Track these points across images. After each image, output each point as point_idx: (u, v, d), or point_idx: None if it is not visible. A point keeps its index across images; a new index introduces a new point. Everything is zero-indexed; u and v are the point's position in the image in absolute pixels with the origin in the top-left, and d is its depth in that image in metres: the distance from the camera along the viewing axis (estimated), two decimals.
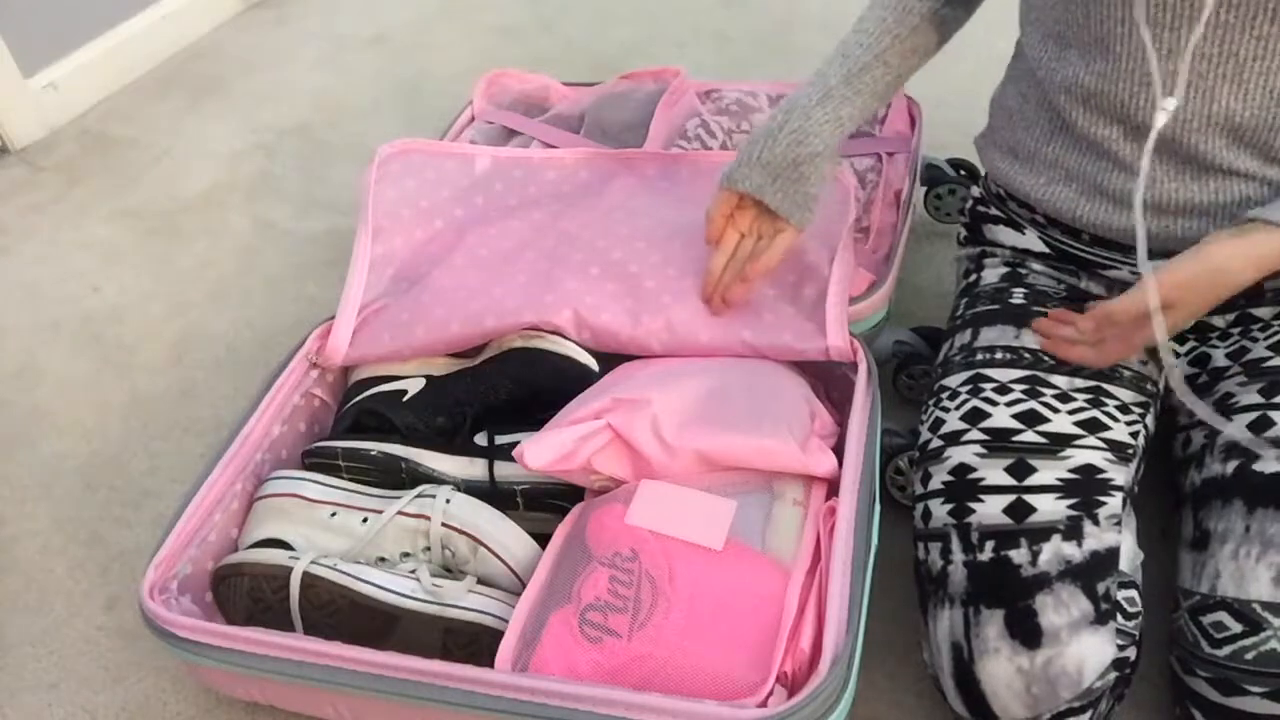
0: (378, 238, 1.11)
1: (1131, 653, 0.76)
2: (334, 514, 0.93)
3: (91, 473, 1.18)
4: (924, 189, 1.34)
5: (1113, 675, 0.74)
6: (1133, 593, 0.77)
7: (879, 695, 0.90)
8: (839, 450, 0.90)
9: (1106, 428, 0.83)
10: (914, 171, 1.23)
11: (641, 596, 0.81)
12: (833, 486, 0.89)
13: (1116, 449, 0.82)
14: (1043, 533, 0.77)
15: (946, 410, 0.88)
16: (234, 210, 1.57)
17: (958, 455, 0.84)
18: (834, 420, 0.96)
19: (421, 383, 1.02)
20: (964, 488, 0.82)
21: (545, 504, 0.96)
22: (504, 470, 0.95)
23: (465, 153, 1.18)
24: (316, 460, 0.98)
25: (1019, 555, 0.77)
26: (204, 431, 1.22)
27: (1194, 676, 0.75)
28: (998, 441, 0.83)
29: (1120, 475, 0.81)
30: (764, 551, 0.83)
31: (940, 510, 0.83)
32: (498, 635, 0.82)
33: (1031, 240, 0.96)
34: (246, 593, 0.88)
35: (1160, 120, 0.79)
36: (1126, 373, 0.87)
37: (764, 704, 0.74)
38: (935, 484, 0.85)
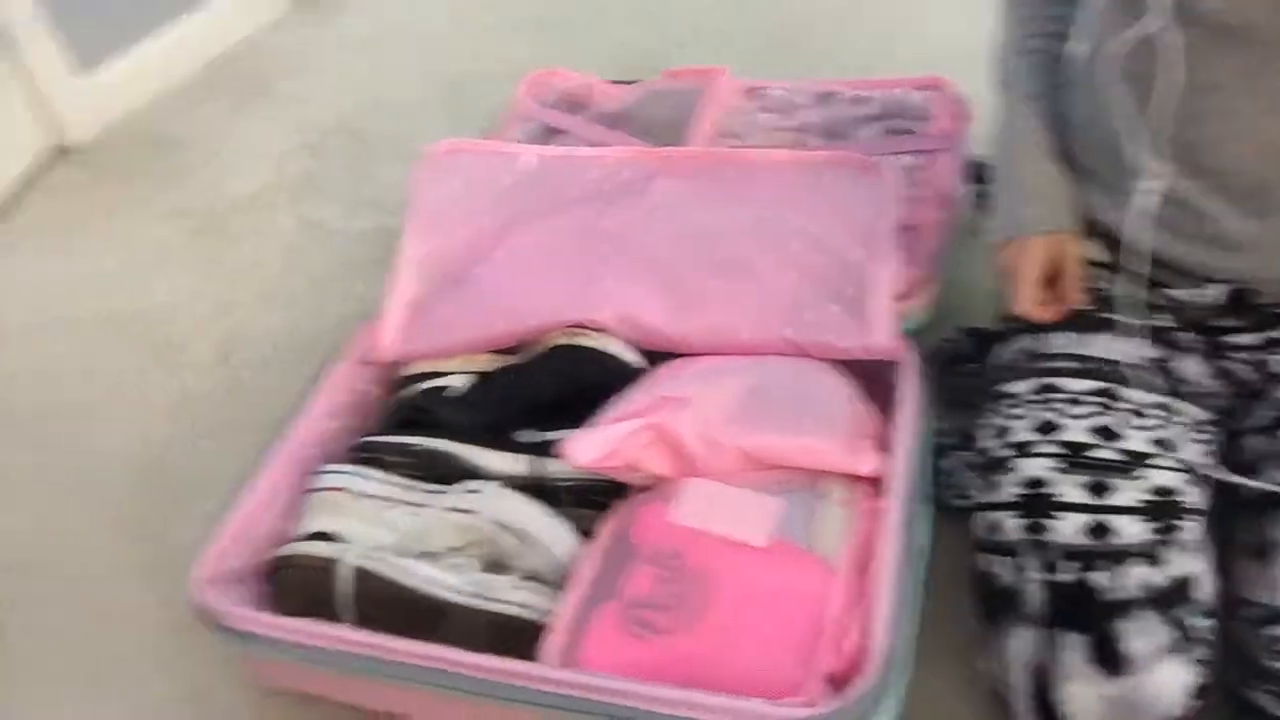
0: (424, 236, 1.12)
1: (1207, 679, 0.74)
2: (382, 508, 0.94)
3: (143, 468, 1.20)
4: (970, 186, 1.33)
5: (1192, 703, 0.73)
6: (1212, 621, 0.76)
7: (929, 698, 0.89)
8: (886, 450, 0.90)
9: (1181, 447, 0.81)
10: (960, 169, 1.22)
11: (686, 594, 0.81)
12: (879, 486, 0.88)
13: (1192, 470, 0.80)
14: (1124, 556, 0.75)
15: (1014, 418, 0.86)
16: (281, 210, 1.59)
17: (1029, 468, 0.81)
18: (880, 420, 0.95)
19: (468, 379, 1.03)
20: (1038, 502, 0.79)
21: (590, 500, 0.96)
22: (549, 466, 0.96)
23: (510, 151, 1.19)
24: (365, 455, 0.99)
25: (1101, 579, 0.74)
26: (252, 428, 1.23)
27: (1254, 689, 0.74)
28: (1074, 456, 0.80)
29: (1197, 498, 0.79)
30: (810, 551, 0.83)
31: (1012, 524, 0.80)
32: (544, 630, 0.82)
33: (1093, 249, 0.94)
34: (297, 585, 0.89)
35: (1141, 200, 0.80)
36: (1198, 389, 0.86)
37: (810, 703, 0.74)
38: (1005, 495, 0.82)
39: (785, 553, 0.83)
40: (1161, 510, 0.77)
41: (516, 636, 0.84)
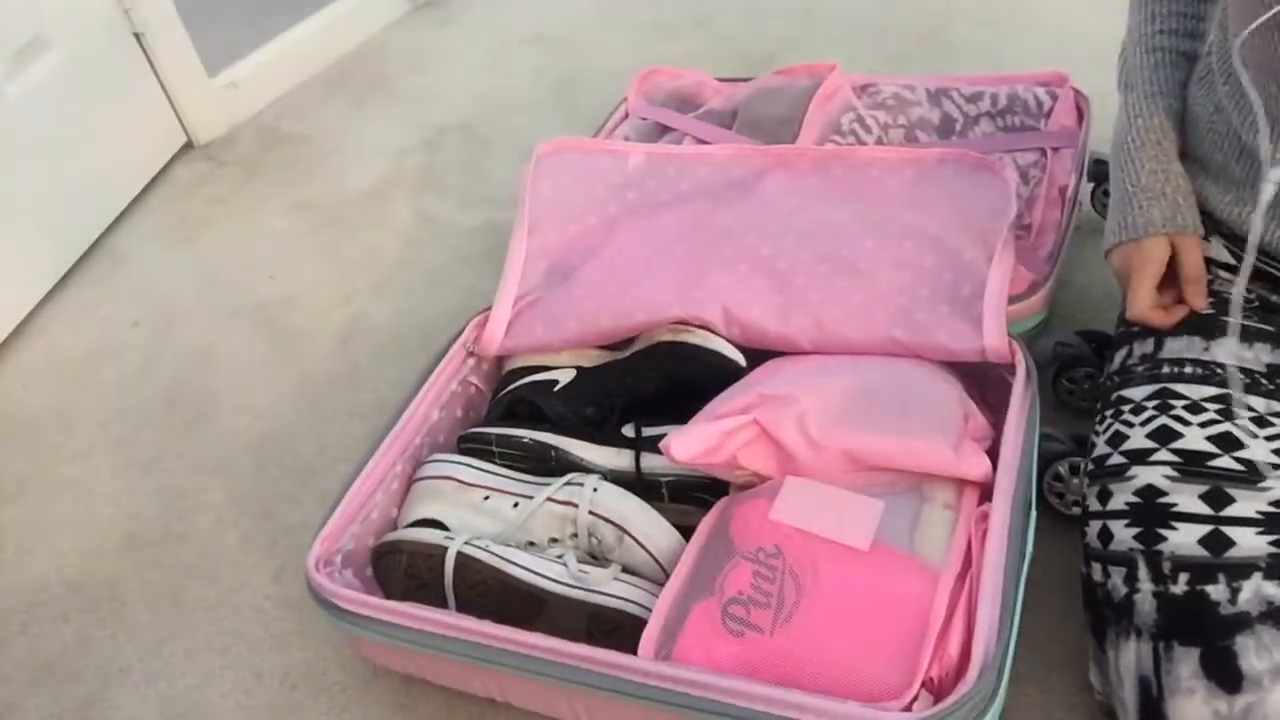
0: (533, 232, 1.13)
1: None
2: (487, 498, 0.96)
3: (263, 451, 1.25)
4: (1091, 185, 1.29)
5: None
6: None
7: (1030, 708, 0.88)
8: (994, 454, 0.88)
9: None
10: (1081, 167, 1.18)
11: (784, 593, 0.80)
12: (986, 491, 0.86)
13: None
14: (1243, 569, 0.72)
15: (1130, 425, 0.83)
16: (398, 204, 1.63)
17: (1145, 476, 0.79)
18: (989, 423, 0.93)
19: (572, 373, 1.04)
20: (1153, 512, 0.77)
21: (690, 496, 0.97)
22: (650, 462, 0.96)
23: (619, 149, 1.20)
24: (471, 445, 1.01)
25: (1217, 591, 0.72)
26: (367, 414, 1.27)
27: None
28: (1191, 465, 0.78)
29: None
30: (912, 554, 0.82)
31: (1125, 533, 0.78)
32: (640, 623, 0.83)
33: (1217, 250, 0.90)
34: (404, 570, 0.91)
35: (1268, 193, 0.76)
36: None
37: (908, 708, 0.73)
38: (1118, 504, 0.80)
39: (887, 556, 0.82)
40: None
41: (614, 628, 0.85)
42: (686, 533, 0.91)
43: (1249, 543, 0.73)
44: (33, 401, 1.37)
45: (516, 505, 0.94)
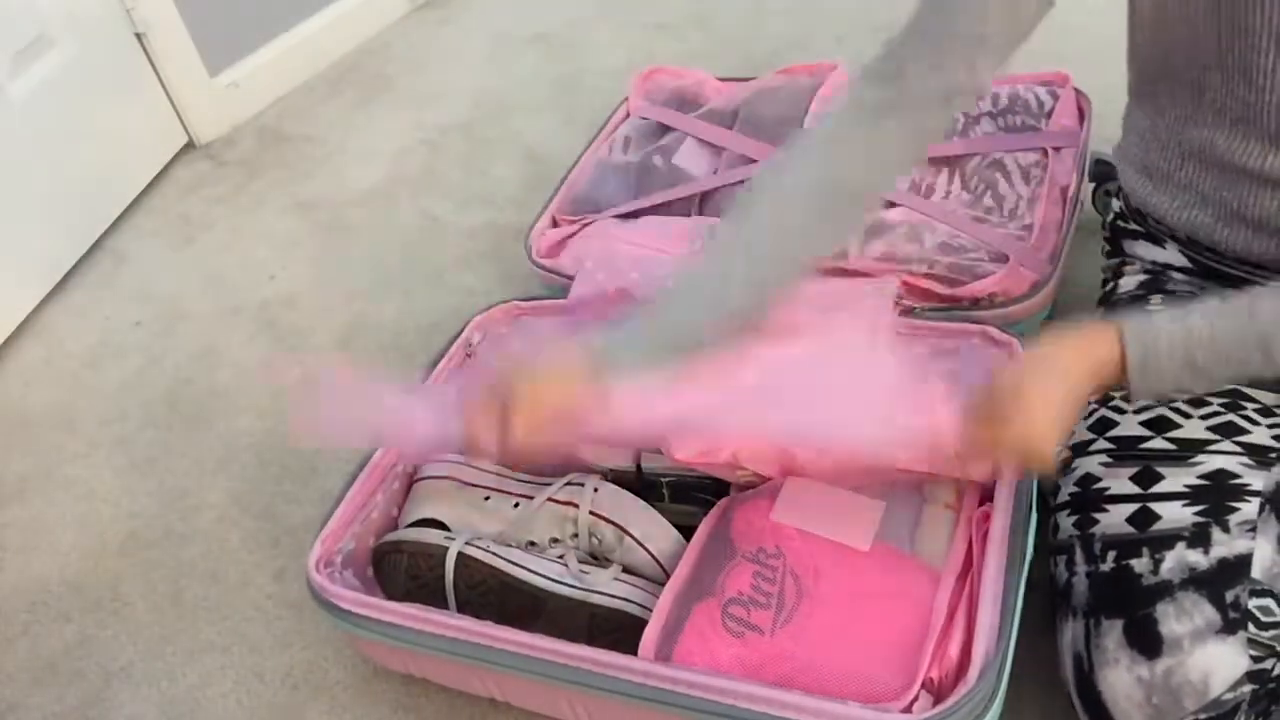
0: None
1: (1274, 665, 0.71)
2: (487, 498, 0.96)
3: (265, 450, 1.25)
4: (1093, 185, 1.29)
5: (1247, 688, 0.69)
6: (1268, 601, 0.72)
7: (1030, 709, 0.87)
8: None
9: (1245, 431, 0.79)
10: (1082, 167, 1.18)
11: (785, 594, 0.80)
12: (987, 492, 0.86)
13: (1255, 453, 0.78)
14: (1166, 541, 0.74)
15: (1078, 423, 0.86)
16: (399, 204, 1.63)
17: (1084, 466, 0.82)
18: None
19: None
20: (1089, 498, 0.80)
21: (690, 497, 0.97)
22: (651, 462, 0.96)
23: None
24: None
25: (1140, 564, 0.75)
26: None
27: None
28: (1123, 450, 0.81)
29: (1258, 480, 0.77)
30: (912, 555, 0.82)
31: (1066, 523, 0.81)
32: (641, 623, 0.83)
33: (1173, 255, 0.91)
34: (404, 570, 0.91)
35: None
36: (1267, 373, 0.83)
37: (908, 709, 0.73)
38: (1063, 496, 0.83)
39: (888, 556, 0.82)
40: (1211, 493, 0.76)
41: (615, 629, 0.85)
42: (687, 533, 0.91)
43: (1174, 515, 0.75)
44: (34, 401, 1.37)
45: (517, 505, 0.94)
